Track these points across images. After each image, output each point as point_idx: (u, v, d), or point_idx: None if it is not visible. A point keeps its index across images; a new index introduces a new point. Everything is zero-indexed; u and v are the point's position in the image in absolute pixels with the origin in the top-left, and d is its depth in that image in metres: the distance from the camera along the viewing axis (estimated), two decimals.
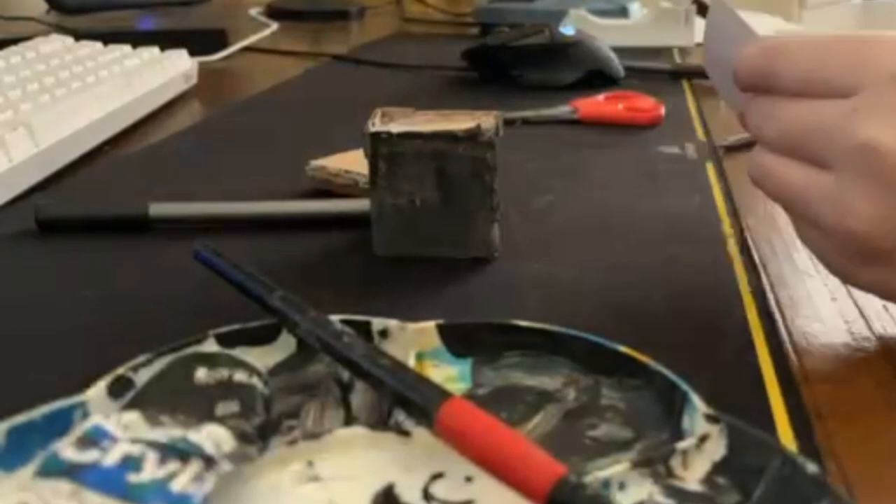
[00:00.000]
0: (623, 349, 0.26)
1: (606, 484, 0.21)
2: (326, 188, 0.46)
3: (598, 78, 0.74)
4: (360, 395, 0.26)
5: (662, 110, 0.62)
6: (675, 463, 0.22)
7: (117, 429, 0.22)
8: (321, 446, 0.24)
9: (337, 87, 0.76)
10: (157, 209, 0.41)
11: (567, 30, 0.76)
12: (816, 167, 0.29)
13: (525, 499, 0.20)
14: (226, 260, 0.30)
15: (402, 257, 0.37)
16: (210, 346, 0.27)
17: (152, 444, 0.21)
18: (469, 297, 0.34)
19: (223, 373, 0.25)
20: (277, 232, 0.41)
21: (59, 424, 0.23)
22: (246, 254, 0.37)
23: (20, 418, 0.23)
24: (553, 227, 0.41)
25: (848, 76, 0.29)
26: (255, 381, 0.25)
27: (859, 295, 0.33)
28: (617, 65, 0.76)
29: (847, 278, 0.31)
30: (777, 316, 0.32)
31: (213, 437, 0.22)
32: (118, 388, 0.24)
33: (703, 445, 0.22)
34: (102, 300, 0.34)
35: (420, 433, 0.23)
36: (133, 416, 0.23)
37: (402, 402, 0.23)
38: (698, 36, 0.95)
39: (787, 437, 0.25)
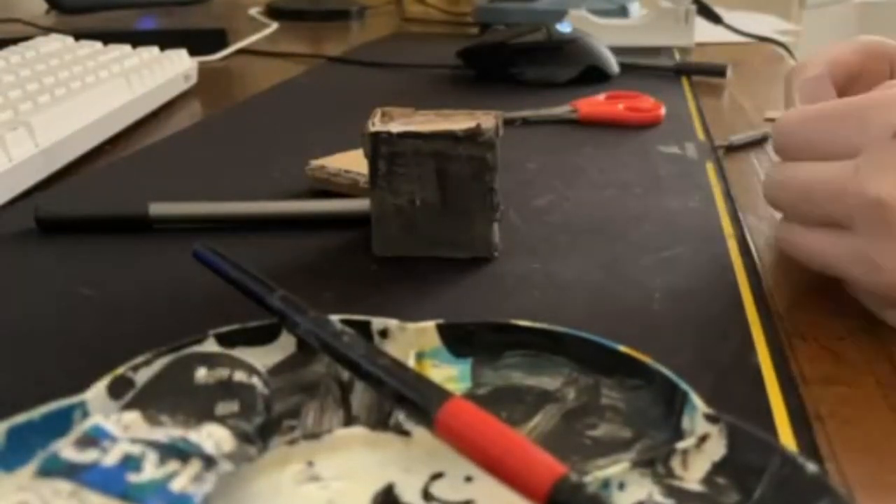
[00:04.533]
0: (623, 349, 0.26)
1: (606, 484, 0.21)
2: (326, 188, 0.46)
3: (594, 75, 0.75)
4: (360, 395, 0.26)
5: (662, 110, 0.62)
6: (675, 463, 0.22)
7: (117, 429, 0.22)
8: (321, 446, 0.24)
9: (337, 87, 0.76)
10: (157, 209, 0.41)
11: (563, 27, 0.76)
12: (835, 228, 0.31)
13: (525, 499, 0.20)
14: (226, 260, 0.30)
15: (402, 257, 0.37)
16: (210, 345, 0.27)
17: (152, 444, 0.21)
18: (469, 297, 0.34)
19: (223, 373, 0.25)
20: (277, 232, 0.41)
21: (58, 424, 0.23)
22: (246, 254, 0.38)
23: (20, 418, 0.23)
24: (553, 227, 0.41)
25: (849, 138, 0.30)
26: (255, 380, 0.25)
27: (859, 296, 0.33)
28: (612, 62, 0.77)
29: (883, 319, 0.32)
30: (777, 316, 0.32)
31: (213, 437, 0.22)
32: (118, 388, 0.24)
33: (703, 445, 0.22)
34: (102, 300, 0.34)
35: (420, 433, 0.23)
36: (133, 416, 0.23)
37: (401, 402, 0.23)
38: (698, 36, 0.95)
39: (787, 437, 0.25)
